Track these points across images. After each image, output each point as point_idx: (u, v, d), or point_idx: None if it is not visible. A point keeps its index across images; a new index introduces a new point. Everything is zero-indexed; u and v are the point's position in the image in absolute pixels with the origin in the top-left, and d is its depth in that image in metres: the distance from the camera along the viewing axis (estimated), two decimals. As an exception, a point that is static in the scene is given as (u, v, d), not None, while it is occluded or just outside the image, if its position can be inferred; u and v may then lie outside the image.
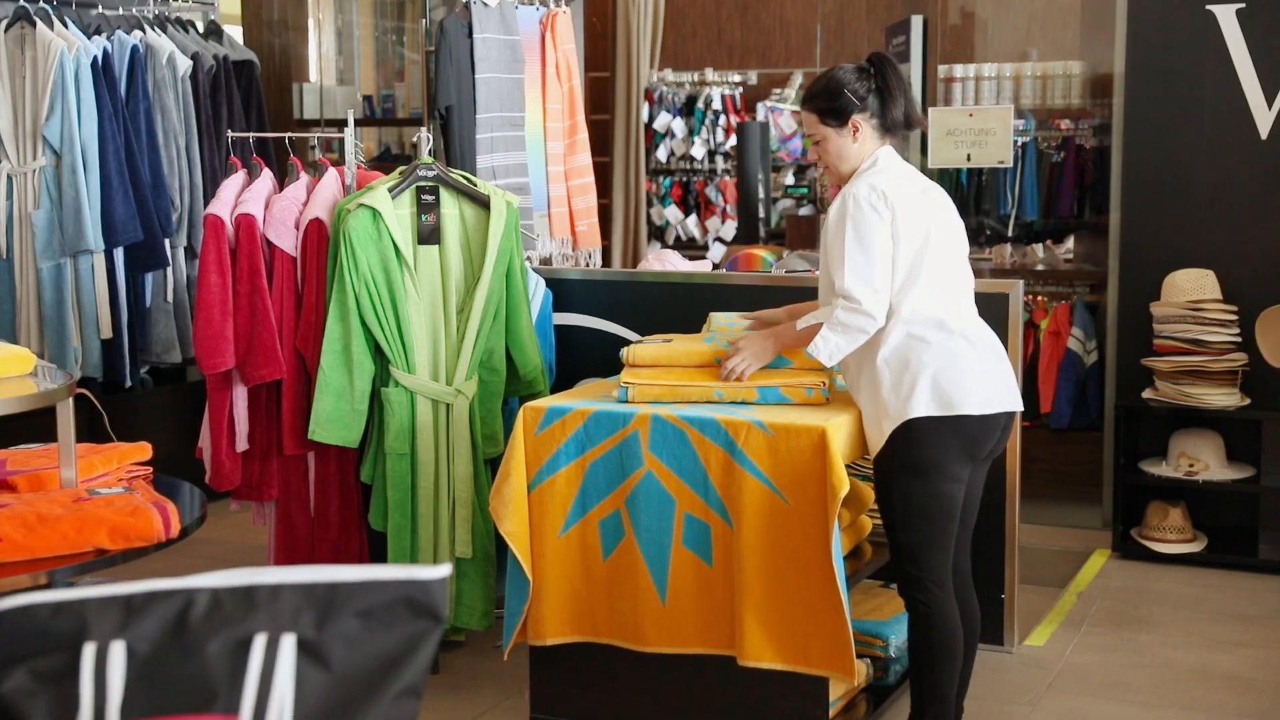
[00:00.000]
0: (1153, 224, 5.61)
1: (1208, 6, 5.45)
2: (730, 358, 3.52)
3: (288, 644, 1.46)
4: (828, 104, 3.44)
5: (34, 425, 4.51)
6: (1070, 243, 6.97)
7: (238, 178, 4.34)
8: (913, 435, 3.28)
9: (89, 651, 1.44)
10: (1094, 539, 5.58)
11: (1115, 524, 5.51)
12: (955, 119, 6.03)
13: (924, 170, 6.71)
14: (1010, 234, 6.99)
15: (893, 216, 3.32)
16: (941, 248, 3.39)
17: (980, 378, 3.32)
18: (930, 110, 6.29)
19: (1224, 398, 5.33)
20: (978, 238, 7.26)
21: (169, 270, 5.92)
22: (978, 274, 3.66)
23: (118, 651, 1.45)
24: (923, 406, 3.26)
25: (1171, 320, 5.40)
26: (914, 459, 3.29)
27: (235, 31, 7.18)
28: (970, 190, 7.20)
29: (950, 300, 3.38)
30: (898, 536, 3.36)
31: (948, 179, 7.16)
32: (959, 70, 6.92)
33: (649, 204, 9.51)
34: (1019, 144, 6.78)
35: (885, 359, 3.33)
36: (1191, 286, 5.40)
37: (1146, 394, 5.48)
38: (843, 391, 3.66)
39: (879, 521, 3.91)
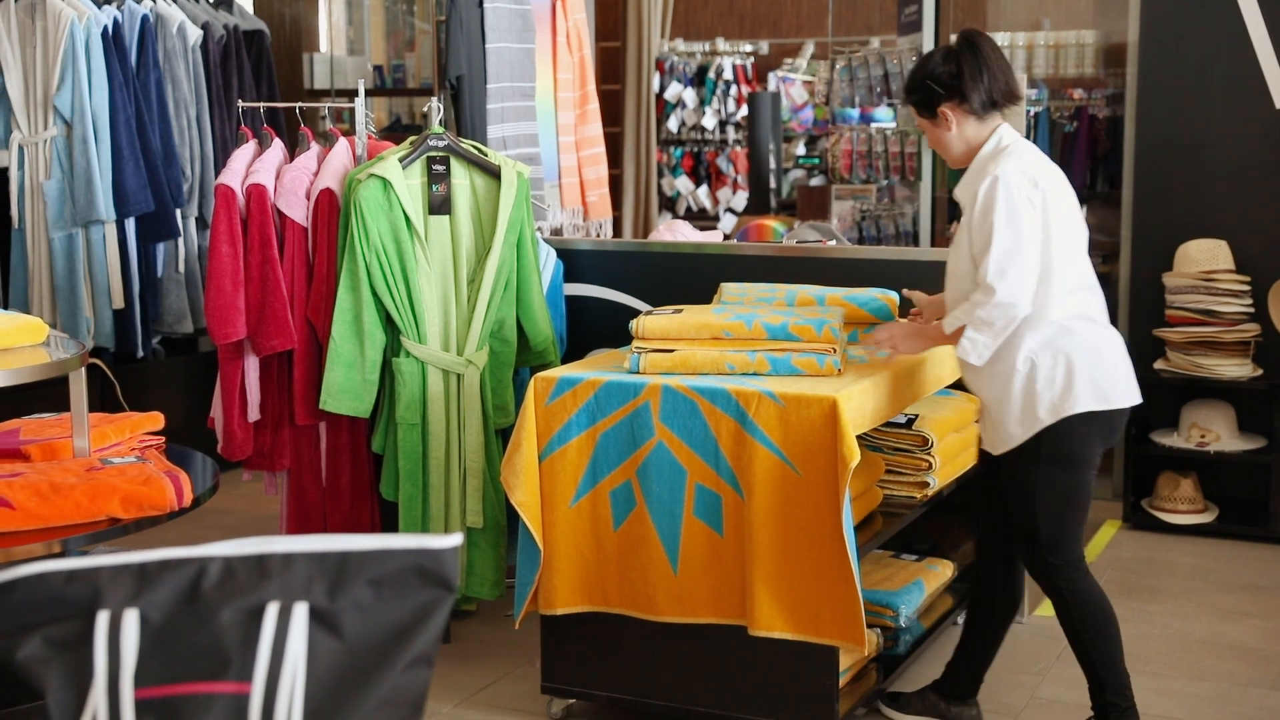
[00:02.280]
0: (1165, 194, 5.59)
1: (1223, -25, 5.41)
2: (882, 330, 3.57)
3: (300, 612, 1.47)
4: (915, 97, 3.43)
5: (47, 395, 4.53)
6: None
7: (248, 148, 4.34)
8: (1065, 429, 3.27)
9: (103, 619, 1.45)
10: (1105, 509, 5.57)
11: (1126, 494, 5.51)
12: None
13: (936, 140, 6.70)
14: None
15: (1044, 202, 3.26)
16: (1079, 234, 3.37)
17: (1125, 369, 3.36)
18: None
19: (1236, 369, 5.32)
20: (990, 208, 7.23)
21: (180, 240, 5.93)
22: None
23: (131, 619, 1.46)
24: (1084, 402, 3.25)
25: (1184, 291, 5.38)
26: (1063, 451, 3.29)
27: (245, 1, 7.15)
28: (982, 160, 7.16)
29: (1090, 289, 3.35)
30: (1036, 525, 3.35)
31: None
32: (972, 39, 6.87)
33: (660, 174, 9.49)
34: (1031, 114, 6.74)
35: (1035, 351, 3.28)
36: (1204, 257, 5.38)
37: (1158, 365, 5.47)
38: (854, 362, 3.66)
39: (891, 492, 3.92)
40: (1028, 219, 3.22)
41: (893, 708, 3.76)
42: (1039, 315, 3.27)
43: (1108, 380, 3.29)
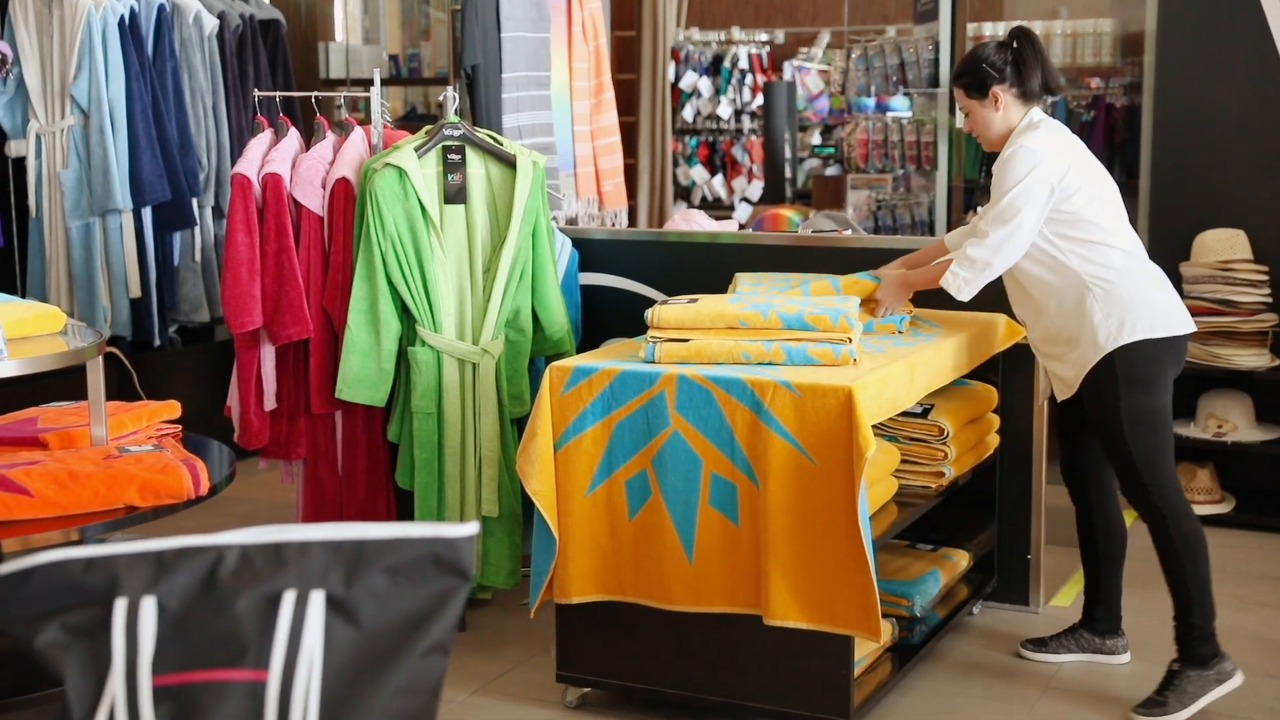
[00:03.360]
0: (1183, 184, 5.56)
1: (1242, -37, 5.38)
2: (876, 310, 3.91)
3: (316, 600, 1.48)
4: (969, 78, 3.75)
5: (65, 383, 4.55)
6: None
7: (264, 137, 4.34)
8: (1139, 354, 3.59)
9: (120, 607, 1.46)
10: (1121, 499, 5.55)
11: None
12: (984, 77, 5.96)
13: (951, 130, 6.68)
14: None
15: (1070, 163, 3.63)
16: (1112, 187, 3.74)
17: (1178, 300, 3.71)
18: (959, 69, 6.24)
19: (1254, 358, 5.30)
20: (1006, 198, 7.21)
21: (197, 230, 5.94)
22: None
23: (149, 607, 1.46)
24: (1146, 327, 3.59)
25: (1201, 281, 5.36)
26: (1140, 376, 3.60)
27: (261, -10, 7.14)
28: (998, 150, 7.14)
29: (1132, 237, 3.73)
30: (1129, 452, 3.63)
31: (974, 139, 7.11)
32: (988, 28, 6.85)
33: (675, 164, 9.48)
34: (1048, 103, 6.72)
35: (1092, 283, 3.62)
36: (1222, 247, 5.36)
37: (1175, 355, 5.44)
38: (869, 352, 3.65)
39: (906, 482, 3.91)
40: (1032, 182, 3.58)
41: (1041, 651, 4.04)
42: (1097, 253, 3.63)
43: (1169, 308, 3.65)
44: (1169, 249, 5.54)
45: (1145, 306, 3.62)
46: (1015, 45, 3.74)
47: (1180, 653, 3.67)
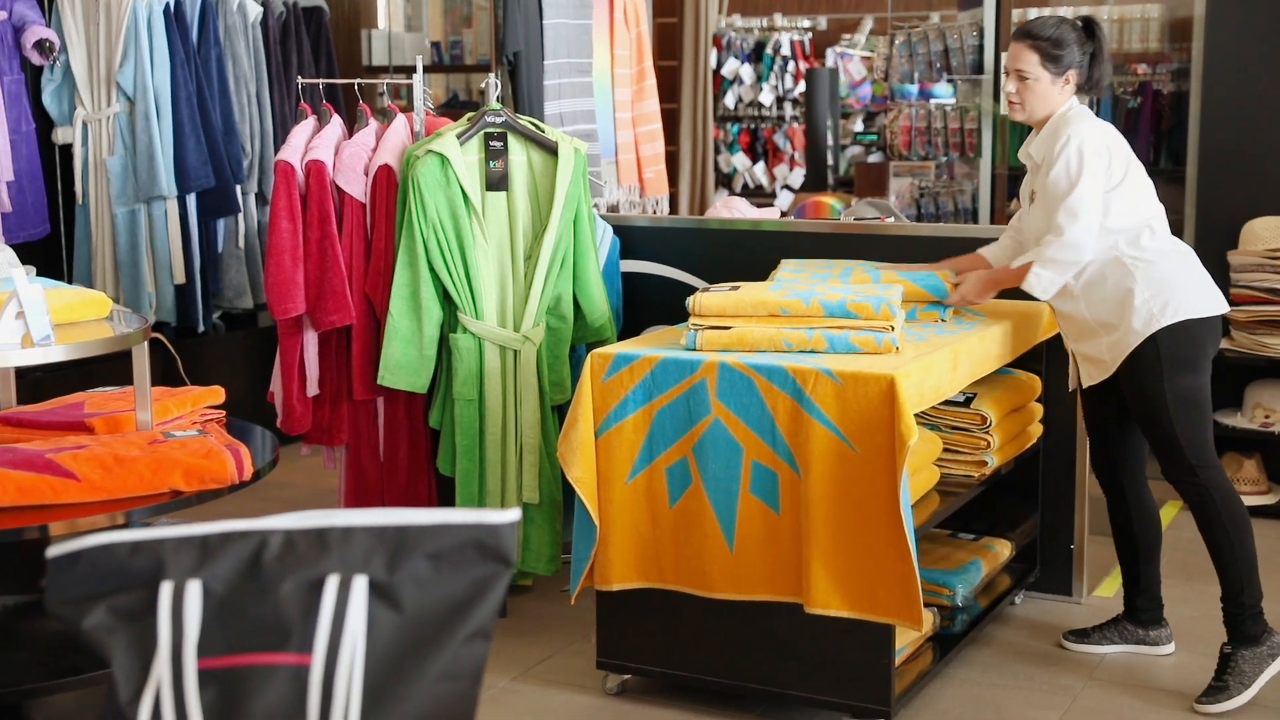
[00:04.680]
0: (1231, 171, 5.50)
1: (1292, -53, 5.31)
2: (954, 295, 3.90)
3: (359, 585, 1.48)
4: (1054, 50, 3.71)
5: (110, 369, 4.59)
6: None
7: (307, 124, 4.36)
8: (1180, 334, 3.60)
9: (166, 590, 1.47)
10: (1166, 490, 5.49)
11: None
12: (1029, 64, 5.90)
13: (995, 117, 6.63)
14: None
15: (1112, 155, 3.67)
16: (1145, 173, 3.77)
17: (1210, 279, 3.74)
18: (1004, 55, 6.19)
19: (1302, 348, 5.24)
20: (1050, 185, 7.15)
21: (240, 216, 5.97)
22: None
23: (194, 590, 1.47)
24: (1189, 307, 3.61)
25: (1249, 269, 5.30)
26: (1182, 356, 3.61)
27: (304, -22, 7.17)
28: (1043, 137, 7.08)
29: (1165, 219, 3.77)
30: (1175, 433, 3.63)
31: (1019, 125, 7.05)
32: (1033, 14, 6.79)
33: (716, 151, 9.46)
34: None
35: (1133, 266, 3.63)
36: (1270, 235, 5.30)
37: (1222, 344, 5.39)
38: (912, 340, 3.63)
39: (949, 471, 3.89)
40: (1097, 173, 3.62)
41: (1083, 643, 4.02)
42: (1137, 239, 3.66)
43: (1207, 289, 3.68)
44: (1217, 237, 5.48)
45: (1186, 287, 3.64)
46: (1092, 36, 3.75)
47: (1231, 635, 3.67)
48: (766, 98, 9.40)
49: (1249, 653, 3.63)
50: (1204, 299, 3.67)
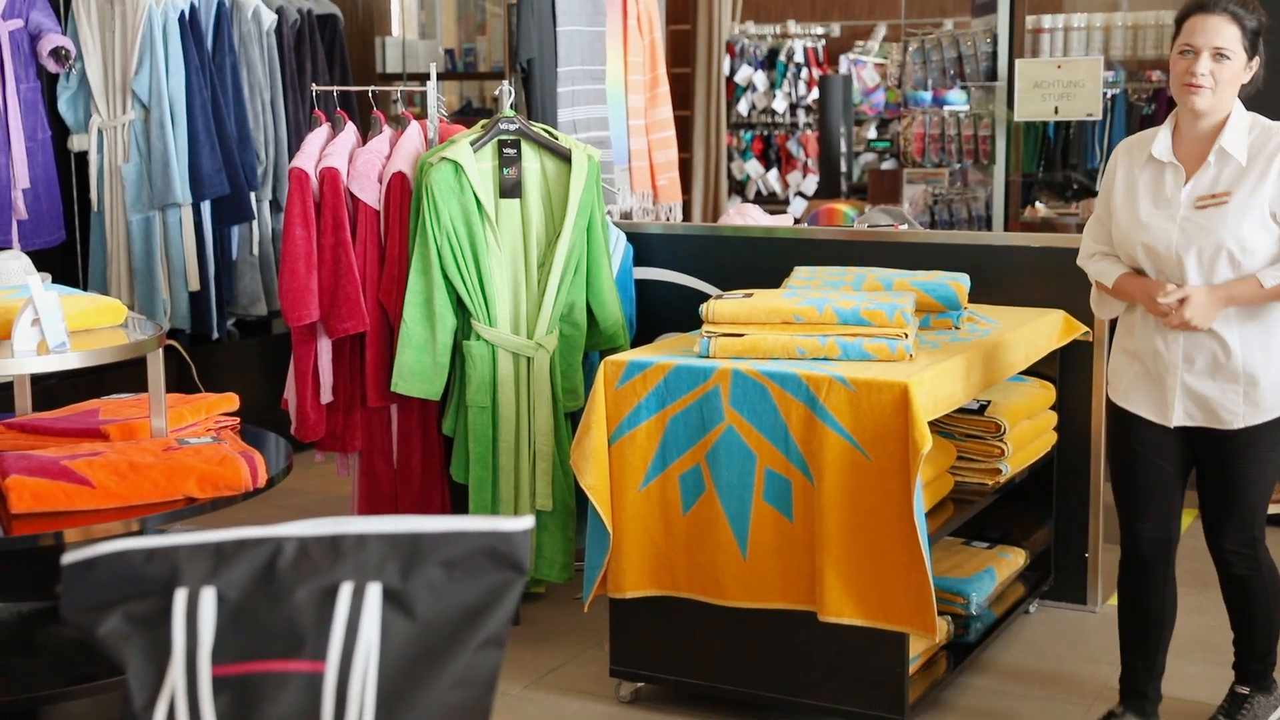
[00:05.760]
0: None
1: (1308, -47, 5.29)
2: (1174, 317, 3.17)
3: (373, 592, 1.48)
4: (1256, 29, 3.21)
5: (125, 375, 4.60)
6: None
7: (321, 131, 4.37)
8: None
9: (180, 597, 1.47)
10: (1187, 499, 5.48)
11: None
12: (1043, 71, 5.93)
13: (1009, 124, 6.63)
14: (1098, 189, 6.87)
15: None
16: None
17: None
18: (1017, 62, 6.19)
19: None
20: (1064, 192, 7.14)
21: (254, 223, 5.99)
22: (1064, 230, 3.63)
23: (208, 597, 1.47)
24: None
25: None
26: None
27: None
28: (1057, 144, 7.08)
29: None
30: (1245, 505, 3.32)
31: (1034, 132, 7.05)
32: (1047, 21, 6.79)
33: (730, 158, 9.46)
34: (1108, 96, 6.65)
35: None
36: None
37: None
38: (925, 347, 3.62)
39: (962, 479, 3.88)
40: None
41: None
42: None
43: None
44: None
45: None
46: (1267, 37, 3.27)
47: (1246, 681, 3.54)
48: (780, 104, 9.40)
49: (1264, 699, 3.54)
50: None
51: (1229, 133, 3.18)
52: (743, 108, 9.47)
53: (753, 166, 9.56)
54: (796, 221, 6.99)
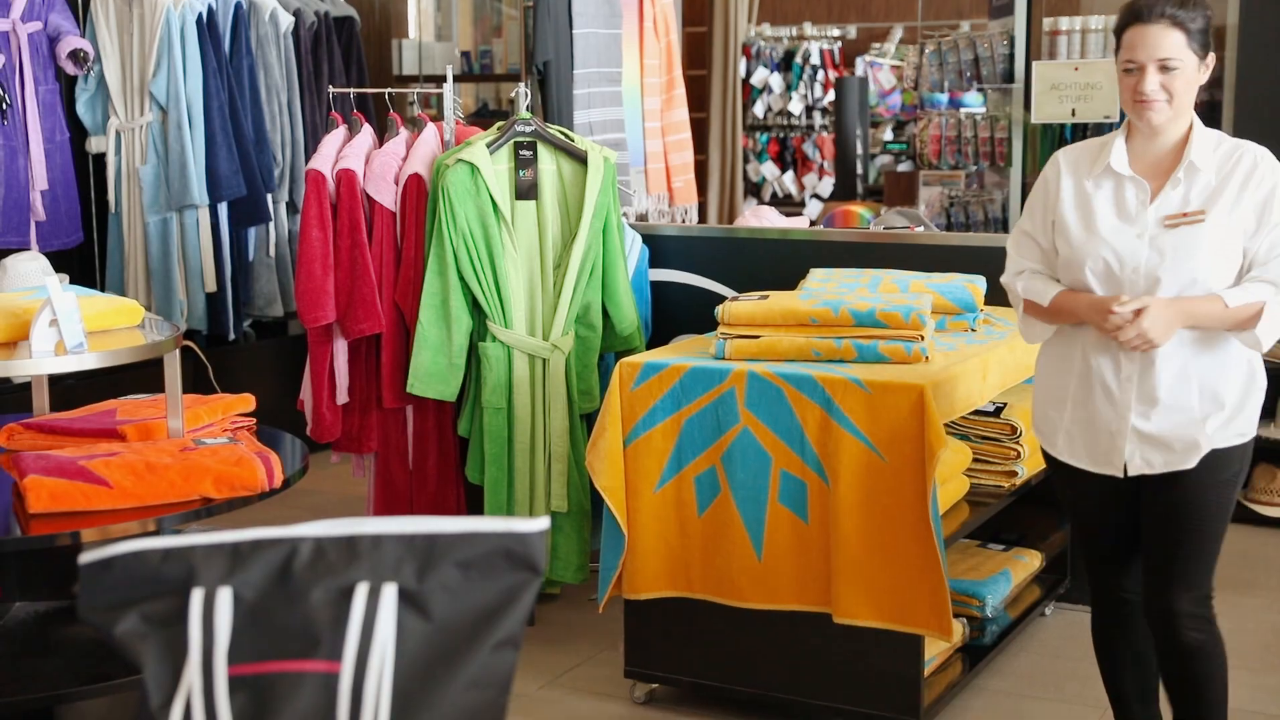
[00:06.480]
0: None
1: (1326, -45, 5.27)
2: (1130, 329, 2.80)
3: (389, 593, 1.49)
4: (1203, 27, 2.88)
5: (142, 376, 4.61)
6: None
7: (338, 133, 4.38)
8: (1249, 447, 2.96)
9: (197, 597, 1.48)
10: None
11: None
12: (1060, 73, 5.91)
13: (1025, 126, 6.61)
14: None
15: None
16: None
17: None
18: (1034, 64, 6.17)
19: (1336, 359, 5.19)
20: (1081, 194, 7.11)
21: (271, 225, 6.01)
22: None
23: (225, 597, 1.48)
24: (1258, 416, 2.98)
25: (1282, 279, 5.25)
26: (1246, 467, 2.99)
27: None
28: (1074, 146, 7.04)
29: None
30: (1204, 554, 2.96)
31: (1050, 134, 7.03)
32: (1064, 23, 6.76)
33: (745, 160, 9.45)
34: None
35: (1253, 358, 2.95)
36: (1304, 245, 5.24)
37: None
38: (941, 350, 3.62)
39: (978, 481, 3.88)
40: None
41: None
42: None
43: None
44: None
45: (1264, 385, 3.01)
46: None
47: None
48: (796, 107, 9.39)
49: None
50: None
51: (1196, 147, 2.89)
52: (759, 110, 9.47)
53: (768, 168, 9.55)
54: (812, 223, 6.98)
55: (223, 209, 5.75)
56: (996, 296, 4.08)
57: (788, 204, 9.39)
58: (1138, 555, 3.07)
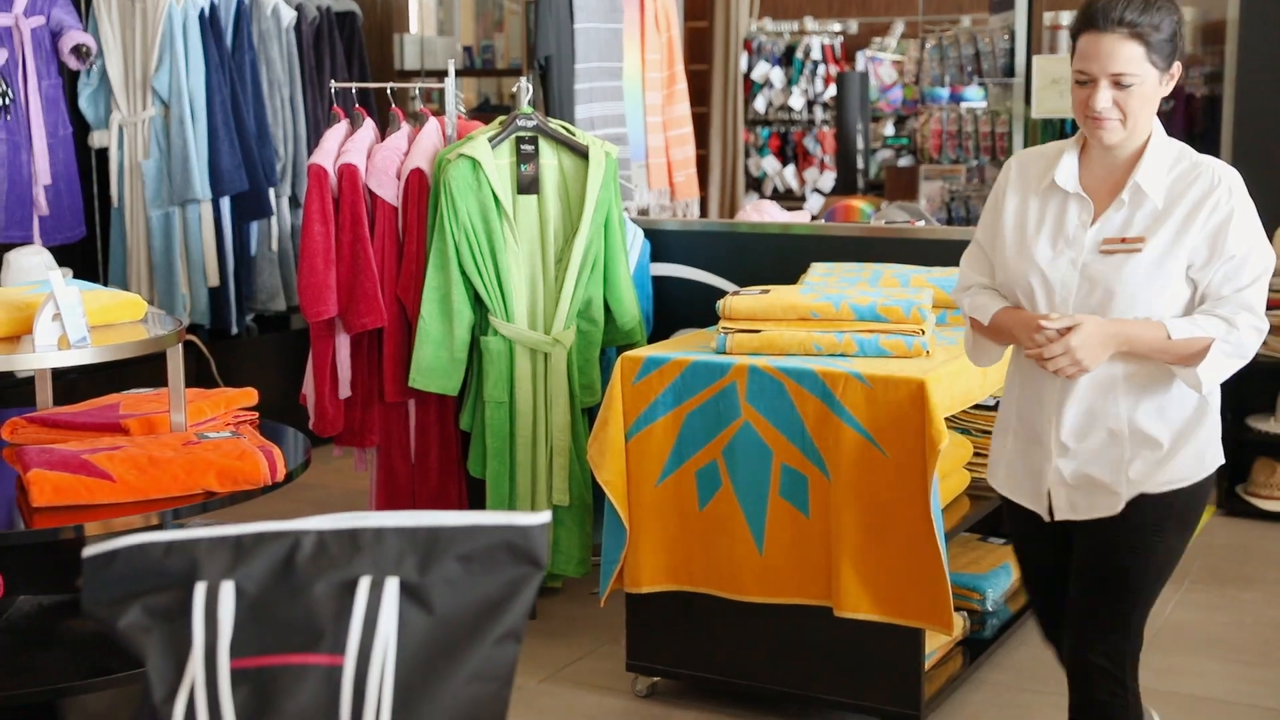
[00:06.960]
0: (1263, 174, 5.45)
1: (1328, -51, 5.27)
2: (1056, 346, 2.56)
3: (391, 587, 1.49)
4: (1169, 46, 2.60)
5: (145, 370, 4.63)
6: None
7: (340, 128, 4.39)
8: (1206, 487, 2.73)
9: (200, 590, 1.49)
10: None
11: (1221, 481, 5.41)
12: (1061, 67, 5.91)
13: (1026, 120, 6.61)
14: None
15: None
16: None
17: None
18: (1035, 58, 6.18)
19: (1336, 353, 5.19)
20: (1082, 189, 7.12)
21: (273, 219, 6.01)
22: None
23: (227, 591, 1.49)
24: (1218, 452, 2.75)
25: (1282, 274, 5.26)
26: (1191, 517, 2.72)
27: (337, -18, 7.21)
28: (1075, 140, 7.05)
29: None
30: (1126, 610, 2.69)
31: (1051, 129, 7.03)
32: (1065, 17, 6.76)
33: (746, 155, 9.45)
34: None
35: (1210, 393, 2.68)
36: (1305, 239, 5.24)
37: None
38: (942, 344, 3.62)
39: (979, 475, 3.88)
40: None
41: None
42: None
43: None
44: (1250, 241, 5.43)
45: (1218, 424, 2.76)
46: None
47: None
48: (797, 101, 9.39)
49: None
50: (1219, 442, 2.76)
51: (1146, 168, 2.61)
52: (760, 104, 9.46)
53: (769, 163, 9.55)
54: (813, 218, 6.98)
55: (225, 203, 5.76)
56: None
57: (789, 199, 9.39)
58: (1059, 605, 2.82)
